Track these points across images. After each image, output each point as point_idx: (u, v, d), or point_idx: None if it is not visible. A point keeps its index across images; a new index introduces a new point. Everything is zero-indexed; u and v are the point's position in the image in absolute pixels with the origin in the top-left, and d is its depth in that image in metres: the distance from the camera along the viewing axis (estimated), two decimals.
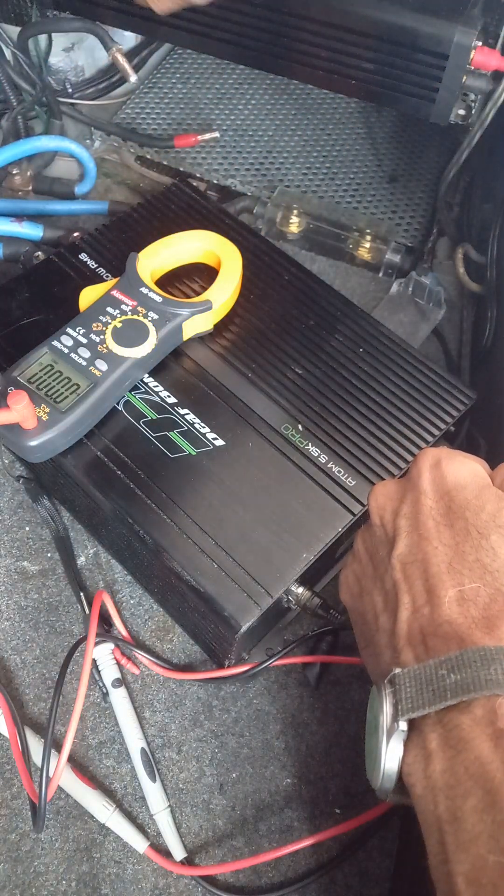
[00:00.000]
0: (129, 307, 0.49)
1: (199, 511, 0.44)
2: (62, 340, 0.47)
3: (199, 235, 0.55)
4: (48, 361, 0.46)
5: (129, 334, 0.48)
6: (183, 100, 0.83)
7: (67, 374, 0.46)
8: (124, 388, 0.48)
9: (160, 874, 0.43)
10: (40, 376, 0.46)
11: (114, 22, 0.68)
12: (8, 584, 0.52)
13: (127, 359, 0.47)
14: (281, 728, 0.48)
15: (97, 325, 0.48)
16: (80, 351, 0.47)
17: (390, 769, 0.30)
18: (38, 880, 0.43)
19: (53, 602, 0.51)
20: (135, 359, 0.47)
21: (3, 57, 0.71)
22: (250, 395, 0.50)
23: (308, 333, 0.53)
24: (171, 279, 0.55)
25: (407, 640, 0.33)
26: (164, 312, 0.49)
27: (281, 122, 0.82)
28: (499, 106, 0.60)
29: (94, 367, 0.46)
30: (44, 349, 0.47)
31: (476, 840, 0.26)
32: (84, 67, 0.78)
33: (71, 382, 0.46)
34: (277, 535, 0.44)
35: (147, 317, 0.49)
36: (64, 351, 0.47)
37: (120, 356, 0.47)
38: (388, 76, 0.60)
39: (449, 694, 0.28)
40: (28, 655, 0.49)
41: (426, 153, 0.82)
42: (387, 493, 0.39)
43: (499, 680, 0.28)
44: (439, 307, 0.66)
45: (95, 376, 0.46)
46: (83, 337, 0.48)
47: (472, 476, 0.36)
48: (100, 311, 0.49)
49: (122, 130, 0.77)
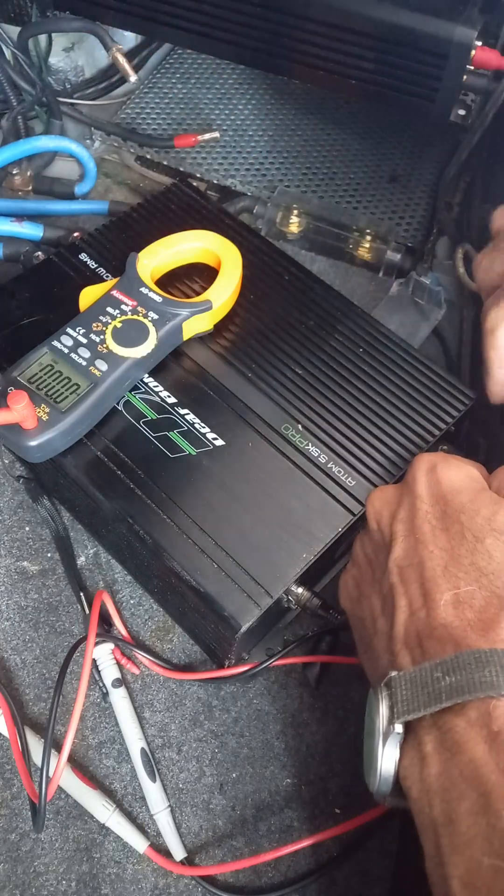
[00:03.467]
0: (129, 307, 0.49)
1: (199, 511, 0.44)
2: (62, 340, 0.47)
3: (199, 235, 0.55)
4: (48, 361, 0.46)
5: (129, 334, 0.48)
6: (183, 100, 0.83)
7: (67, 374, 0.46)
8: (124, 388, 0.48)
9: (160, 874, 0.43)
10: (40, 376, 0.46)
11: (114, 22, 0.68)
12: (8, 584, 0.52)
13: (127, 359, 0.47)
14: (281, 728, 0.48)
15: (97, 325, 0.48)
16: (80, 351, 0.47)
17: (387, 772, 0.30)
18: (38, 880, 0.43)
19: (53, 602, 0.51)
20: (135, 359, 0.47)
21: (3, 57, 0.71)
22: (250, 395, 0.50)
23: (308, 333, 0.53)
24: (171, 279, 0.55)
25: (404, 643, 0.33)
26: (164, 312, 0.49)
27: (281, 122, 0.82)
28: (499, 106, 0.60)
29: (94, 366, 0.46)
30: (44, 349, 0.47)
31: (471, 843, 0.26)
32: (84, 67, 0.78)
33: (71, 382, 0.45)
34: (277, 535, 0.44)
35: (147, 317, 0.49)
36: (64, 351, 0.47)
37: (120, 356, 0.47)
38: (387, 76, 0.60)
39: (444, 696, 0.29)
40: (28, 655, 0.49)
41: (426, 153, 0.82)
42: (383, 497, 0.39)
43: (493, 682, 0.28)
44: (439, 307, 0.66)
45: (95, 376, 0.46)
46: (83, 337, 0.48)
47: (468, 480, 0.36)
48: (100, 311, 0.49)
49: (123, 130, 0.77)
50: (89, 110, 0.79)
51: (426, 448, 0.48)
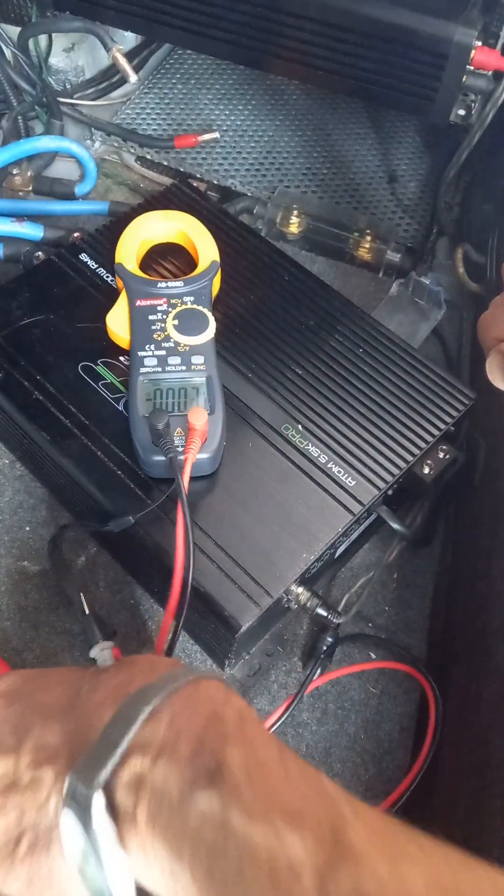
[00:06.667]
0: (163, 305, 0.50)
1: (199, 511, 0.44)
2: (146, 363, 0.47)
3: (151, 217, 0.56)
4: (152, 388, 0.46)
5: (190, 324, 0.49)
6: (183, 100, 0.83)
7: (180, 385, 0.46)
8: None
9: None
10: (161, 402, 0.46)
11: (114, 22, 0.68)
12: (8, 584, 0.52)
13: (207, 341, 0.48)
14: (281, 728, 0.48)
15: (158, 335, 0.48)
16: (170, 360, 0.47)
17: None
18: None
19: (53, 602, 0.51)
20: (211, 338, 0.49)
21: (3, 57, 0.71)
22: (250, 395, 0.50)
23: (308, 333, 0.53)
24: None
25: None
26: (193, 291, 0.51)
27: (281, 122, 0.82)
28: (499, 106, 0.60)
29: (192, 364, 0.47)
30: (137, 381, 0.46)
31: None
32: (84, 68, 0.78)
33: (190, 388, 0.46)
34: (277, 535, 0.44)
35: (186, 302, 0.50)
36: (158, 370, 0.47)
37: (201, 344, 0.48)
38: (387, 76, 0.60)
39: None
40: (28, 655, 0.49)
41: (426, 153, 0.82)
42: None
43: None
44: (439, 307, 0.66)
45: (202, 370, 0.47)
46: (159, 349, 0.48)
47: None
48: (145, 324, 0.49)
49: (123, 131, 0.77)
50: (89, 111, 0.79)
51: (426, 448, 0.49)
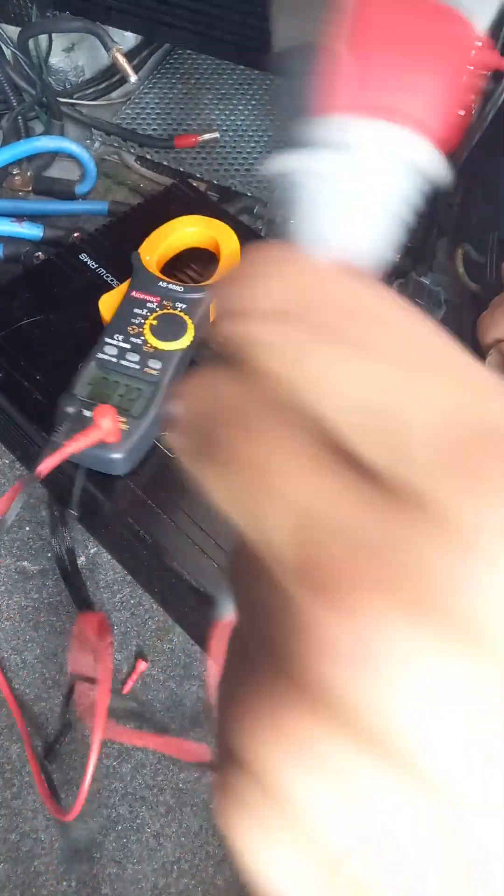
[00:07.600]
0: (154, 303, 0.49)
1: (199, 511, 0.44)
2: (105, 351, 0.47)
3: (193, 220, 0.56)
4: (101, 374, 0.46)
5: (168, 328, 0.48)
6: (183, 100, 0.83)
7: (125, 381, 0.46)
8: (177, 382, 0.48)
9: (160, 874, 0.43)
10: (99, 390, 0.45)
11: (114, 22, 0.68)
12: (8, 584, 0.52)
13: (175, 351, 0.47)
14: None
15: (133, 329, 0.48)
16: (128, 356, 0.47)
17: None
18: (38, 880, 0.43)
19: (53, 602, 0.51)
20: (182, 349, 0.47)
21: (3, 57, 0.71)
22: None
23: None
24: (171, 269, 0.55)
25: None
26: (190, 300, 0.50)
27: (281, 122, 0.82)
28: (499, 106, 0.60)
29: (147, 367, 0.46)
30: (90, 363, 0.46)
31: None
32: (84, 68, 0.78)
33: (132, 388, 0.46)
34: None
35: (176, 308, 0.49)
36: (112, 360, 0.47)
37: (168, 351, 0.47)
38: None
39: None
40: (28, 655, 0.49)
41: None
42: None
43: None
44: (439, 307, 0.66)
45: (153, 376, 0.46)
46: (124, 342, 0.47)
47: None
48: (128, 315, 0.49)
49: (123, 131, 0.77)
50: (89, 111, 0.79)
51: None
